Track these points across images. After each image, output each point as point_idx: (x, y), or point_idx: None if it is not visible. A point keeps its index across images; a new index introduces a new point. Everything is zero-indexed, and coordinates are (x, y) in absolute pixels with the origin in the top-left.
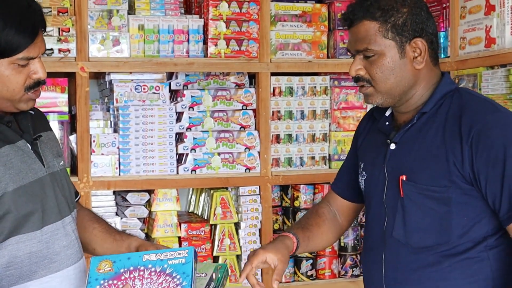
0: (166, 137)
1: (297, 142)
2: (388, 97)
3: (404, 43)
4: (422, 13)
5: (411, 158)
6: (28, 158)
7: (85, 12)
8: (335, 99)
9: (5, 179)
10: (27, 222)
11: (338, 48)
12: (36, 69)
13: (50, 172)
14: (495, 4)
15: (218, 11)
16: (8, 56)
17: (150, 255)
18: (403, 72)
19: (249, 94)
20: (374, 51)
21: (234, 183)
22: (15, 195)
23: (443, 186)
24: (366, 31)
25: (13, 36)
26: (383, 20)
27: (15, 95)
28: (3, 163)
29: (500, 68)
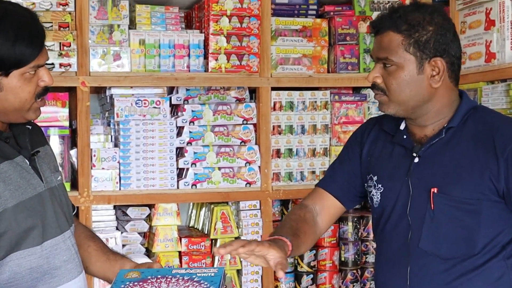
0: (167, 152)
1: (298, 157)
2: (401, 109)
3: (424, 60)
4: (447, 34)
5: (441, 171)
6: (26, 173)
7: (86, 27)
8: (336, 113)
9: (5, 195)
10: (28, 238)
11: (339, 62)
12: (44, 76)
13: (49, 187)
14: (495, 19)
15: (218, 26)
16: (21, 67)
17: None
18: (418, 88)
19: (249, 109)
20: (394, 62)
21: (235, 198)
22: (15, 211)
23: (476, 199)
24: (389, 41)
25: (25, 48)
26: (407, 34)
27: (26, 104)
28: (2, 179)
29: (500, 83)
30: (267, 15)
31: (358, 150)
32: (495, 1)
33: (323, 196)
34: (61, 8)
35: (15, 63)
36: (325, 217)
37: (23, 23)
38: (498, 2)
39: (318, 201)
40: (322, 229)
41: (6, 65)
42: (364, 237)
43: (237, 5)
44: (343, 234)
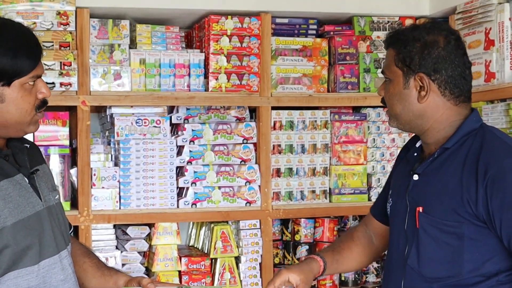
0: (167, 171)
1: (298, 176)
2: (399, 123)
3: (410, 75)
4: (436, 52)
5: (429, 191)
6: (25, 192)
7: (87, 46)
8: (336, 133)
9: (4, 213)
10: (25, 257)
11: (339, 82)
12: (42, 88)
13: (47, 206)
14: (494, 39)
15: (219, 46)
16: (21, 77)
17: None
18: (405, 102)
19: (249, 128)
20: (388, 76)
21: (235, 217)
22: (14, 229)
23: (456, 221)
24: (387, 57)
25: (25, 58)
26: (398, 50)
27: (27, 116)
28: (2, 197)
29: (500, 102)
30: (267, 34)
31: (393, 170)
32: (494, 21)
33: (371, 218)
34: (62, 27)
35: (16, 73)
36: (378, 238)
37: (21, 35)
38: (498, 22)
39: (368, 223)
40: (378, 248)
41: (8, 75)
42: None
43: (237, 24)
44: None
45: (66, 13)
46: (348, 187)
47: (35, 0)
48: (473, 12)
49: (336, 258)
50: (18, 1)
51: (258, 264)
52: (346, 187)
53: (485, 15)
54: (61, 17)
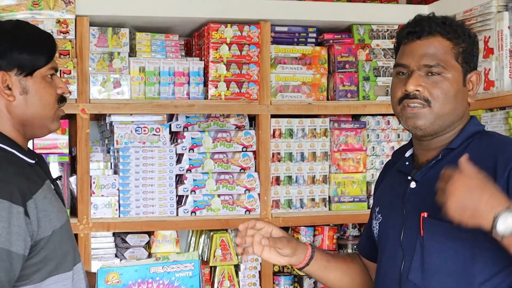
0: (166, 179)
1: (297, 184)
2: (438, 123)
3: (467, 72)
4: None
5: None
6: (56, 197)
7: (86, 55)
8: (335, 141)
9: (52, 215)
10: (65, 262)
11: (338, 90)
12: (60, 84)
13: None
14: (493, 47)
15: (218, 54)
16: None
17: (157, 267)
18: (461, 100)
19: (249, 136)
20: (443, 70)
21: (234, 225)
22: (60, 233)
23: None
24: (439, 47)
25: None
26: (456, 42)
27: (50, 109)
28: (48, 201)
29: (499, 110)
30: (267, 43)
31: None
32: (493, 30)
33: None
34: (61, 35)
35: (35, 64)
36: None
37: (36, 31)
38: (497, 31)
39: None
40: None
41: (29, 66)
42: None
43: (236, 33)
44: None
45: (66, 21)
46: (347, 195)
47: (35, 9)
48: (472, 21)
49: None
50: (18, 9)
51: (258, 272)
52: (345, 195)
53: (484, 24)
54: (61, 25)
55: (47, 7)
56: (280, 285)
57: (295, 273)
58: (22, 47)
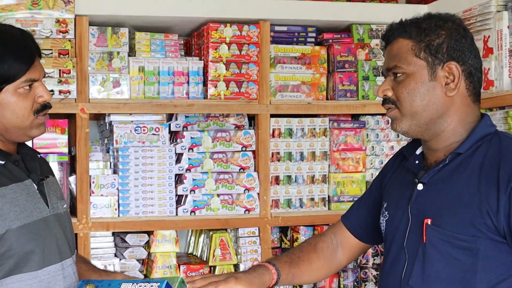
0: (166, 178)
1: (297, 184)
2: (414, 123)
3: (436, 65)
4: (463, 41)
5: (439, 201)
6: (33, 197)
7: (86, 54)
8: (335, 140)
9: (10, 216)
10: (29, 261)
11: (337, 90)
12: (40, 92)
13: (54, 213)
14: (493, 47)
15: (218, 53)
16: (12, 82)
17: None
18: (431, 96)
19: (248, 136)
20: (403, 70)
21: (234, 225)
22: (19, 233)
23: (472, 236)
24: (399, 49)
25: (12, 62)
26: (418, 39)
27: (25, 121)
28: (9, 201)
29: (498, 110)
30: (266, 42)
31: (381, 181)
32: (493, 29)
33: (342, 228)
34: (61, 35)
35: (5, 78)
36: (345, 250)
37: (11, 40)
38: (496, 30)
39: (338, 233)
40: (341, 261)
41: None
42: (363, 264)
43: (236, 32)
44: None
45: (65, 21)
46: (347, 195)
47: (34, 8)
48: (472, 20)
49: (292, 272)
50: (17, 9)
51: None
52: (345, 194)
53: (484, 23)
54: (60, 25)
55: (47, 6)
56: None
57: None
58: None
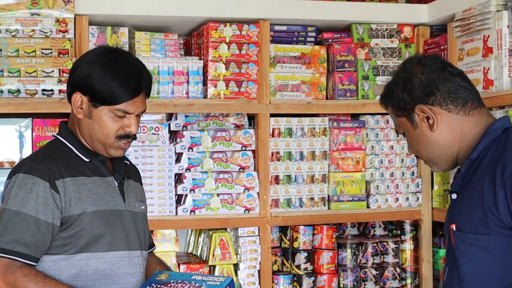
0: (165, 178)
1: (296, 183)
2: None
3: (412, 115)
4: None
5: (460, 208)
6: (112, 192)
7: None
8: (334, 140)
9: (87, 201)
10: (98, 243)
11: (337, 89)
12: (130, 124)
13: (130, 210)
14: (492, 46)
15: (217, 53)
16: (109, 104)
17: (197, 276)
18: (425, 140)
19: (248, 135)
20: (400, 131)
21: (233, 224)
22: (93, 216)
23: (484, 234)
24: (391, 115)
25: (116, 88)
26: (391, 103)
27: (107, 139)
28: (89, 188)
29: (498, 109)
30: (266, 42)
31: None
32: (492, 29)
33: None
34: (60, 35)
35: (105, 99)
36: None
37: (128, 69)
38: (496, 30)
39: None
40: None
41: (98, 98)
42: (362, 263)
43: (236, 32)
44: (342, 260)
45: (65, 20)
46: (346, 194)
47: (34, 8)
48: (472, 20)
49: None
50: (17, 8)
51: (257, 271)
52: (344, 194)
53: (483, 23)
54: (60, 24)
55: (46, 6)
56: (279, 284)
57: (294, 272)
58: (100, 82)
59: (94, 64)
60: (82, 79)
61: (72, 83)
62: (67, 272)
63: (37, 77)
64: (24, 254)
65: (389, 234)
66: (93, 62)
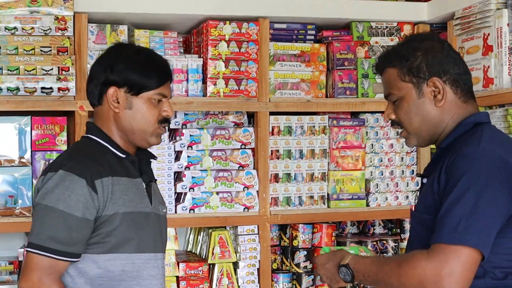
0: (165, 176)
1: (296, 182)
2: (419, 138)
3: (421, 84)
4: (439, 55)
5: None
6: (141, 193)
7: (85, 51)
8: (334, 138)
9: (119, 201)
10: (126, 244)
11: (337, 87)
12: (166, 108)
13: (155, 213)
14: (492, 44)
15: (217, 51)
16: (149, 90)
17: None
18: (424, 111)
19: (247, 133)
20: (397, 95)
21: (233, 222)
22: (124, 218)
23: (432, 215)
24: (388, 78)
25: (153, 74)
26: (400, 66)
27: (150, 126)
28: (121, 188)
29: (498, 108)
30: (266, 40)
31: None
32: (492, 27)
33: None
34: (60, 32)
35: (144, 86)
36: None
37: (154, 57)
38: (496, 28)
39: None
40: None
41: (137, 87)
42: None
43: (235, 30)
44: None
45: (64, 18)
46: (346, 193)
47: (33, 5)
48: (472, 18)
49: None
50: (16, 6)
51: (256, 270)
52: (344, 192)
53: (484, 21)
54: (59, 22)
55: (45, 3)
56: (279, 283)
57: (294, 271)
58: (136, 70)
59: (127, 59)
60: (119, 72)
61: (104, 81)
62: (93, 272)
63: (36, 75)
64: (60, 251)
65: (388, 233)
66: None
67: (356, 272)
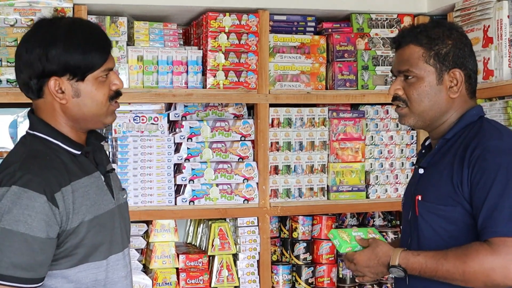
0: (165, 168)
1: (296, 173)
2: (420, 120)
3: (443, 71)
4: (465, 49)
5: (429, 181)
6: (101, 190)
7: None
8: (334, 130)
9: (82, 210)
10: (96, 251)
11: (337, 79)
12: (114, 80)
13: (118, 204)
14: (492, 36)
15: (217, 43)
16: (94, 71)
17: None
18: (437, 98)
19: (247, 125)
20: (415, 74)
21: (233, 214)
22: (90, 225)
23: (449, 205)
24: (410, 54)
25: (95, 52)
26: (428, 47)
27: (102, 107)
28: (81, 194)
29: (498, 100)
30: (265, 31)
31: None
32: (492, 19)
33: None
34: None
35: (88, 68)
36: None
37: (90, 32)
38: (496, 20)
39: None
40: None
41: (81, 71)
42: None
43: (235, 22)
44: None
45: (64, 10)
46: (346, 185)
47: None
48: (472, 10)
49: None
50: None
51: (256, 262)
52: (344, 184)
53: (484, 13)
54: (58, 14)
55: None
56: (278, 274)
57: (294, 263)
58: (75, 52)
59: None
60: (56, 59)
61: (41, 73)
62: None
63: None
64: (25, 279)
65: (388, 225)
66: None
67: (409, 270)
